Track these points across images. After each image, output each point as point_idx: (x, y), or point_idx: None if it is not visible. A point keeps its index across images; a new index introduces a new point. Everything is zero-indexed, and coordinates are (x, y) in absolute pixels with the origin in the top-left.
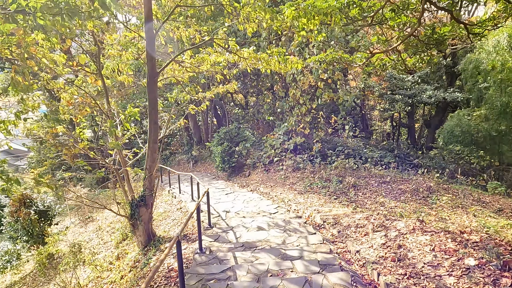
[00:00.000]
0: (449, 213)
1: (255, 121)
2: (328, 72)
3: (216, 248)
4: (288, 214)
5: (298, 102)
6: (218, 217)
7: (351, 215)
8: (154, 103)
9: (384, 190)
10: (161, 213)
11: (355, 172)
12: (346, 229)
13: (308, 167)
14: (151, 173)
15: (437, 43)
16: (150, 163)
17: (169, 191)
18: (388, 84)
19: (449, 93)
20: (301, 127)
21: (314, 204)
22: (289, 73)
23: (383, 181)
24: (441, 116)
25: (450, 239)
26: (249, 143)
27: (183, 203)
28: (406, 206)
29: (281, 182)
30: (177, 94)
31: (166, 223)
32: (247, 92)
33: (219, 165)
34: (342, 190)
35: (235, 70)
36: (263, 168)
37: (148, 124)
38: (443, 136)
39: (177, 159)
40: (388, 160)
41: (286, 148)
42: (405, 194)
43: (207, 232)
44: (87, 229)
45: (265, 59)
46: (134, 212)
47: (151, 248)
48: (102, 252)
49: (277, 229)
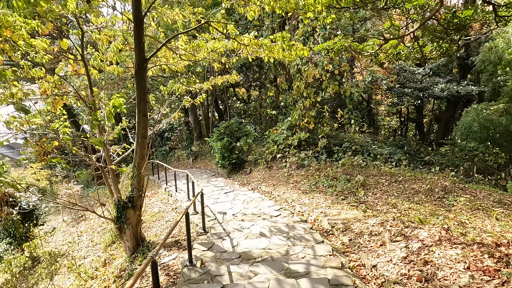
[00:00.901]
0: (468, 216)
1: (257, 116)
2: (334, 64)
3: (209, 259)
4: (292, 217)
5: (302, 95)
6: (214, 220)
7: (363, 219)
8: (143, 93)
9: (395, 189)
10: (155, 213)
11: (363, 170)
12: (358, 236)
13: (313, 164)
14: (139, 171)
15: (458, 28)
16: (138, 160)
17: (166, 189)
18: (397, 77)
19: (463, 86)
20: (305, 122)
21: (320, 206)
22: (293, 64)
23: (395, 180)
24: (452, 111)
25: (487, 254)
26: (251, 138)
27: (178, 203)
28: (420, 208)
29: (284, 180)
30: (171, 86)
31: (159, 225)
32: (249, 85)
33: (219, 162)
34: (350, 189)
35: (234, 58)
36: (265, 165)
37: (136, 117)
38: (460, 132)
39: (177, 155)
40: (398, 157)
41: (290, 144)
42: (419, 194)
43: (200, 239)
44: (78, 229)
45: (267, 46)
46: (120, 215)
47: (139, 255)
48: (90, 256)
49: (280, 236)
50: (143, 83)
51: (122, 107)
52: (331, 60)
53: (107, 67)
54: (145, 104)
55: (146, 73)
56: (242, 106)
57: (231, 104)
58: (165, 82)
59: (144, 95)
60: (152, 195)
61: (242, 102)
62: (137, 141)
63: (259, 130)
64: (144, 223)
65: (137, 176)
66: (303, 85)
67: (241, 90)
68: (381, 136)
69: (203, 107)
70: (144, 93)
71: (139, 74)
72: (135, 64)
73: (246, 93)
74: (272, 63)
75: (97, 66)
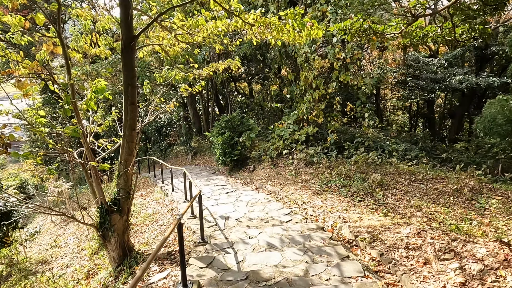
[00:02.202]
0: (506, 221)
1: (260, 110)
2: (346, 51)
3: (207, 282)
4: (306, 223)
5: (311, 86)
6: (215, 226)
7: (392, 227)
8: (131, 77)
9: (417, 190)
10: (148, 215)
11: (379, 167)
12: (391, 250)
13: (323, 161)
14: (127, 168)
15: (496, 6)
16: (125, 156)
17: (162, 187)
18: (408, 69)
19: (483, 77)
20: (314, 115)
21: (336, 209)
22: (301, 53)
23: (415, 179)
24: (467, 105)
25: None
26: (254, 133)
27: (175, 204)
28: (449, 211)
29: (292, 179)
30: (166, 73)
31: (152, 229)
32: (251, 78)
33: (220, 158)
34: (367, 189)
35: (238, 40)
36: (270, 161)
37: (123, 105)
38: (483, 126)
39: (175, 151)
40: (415, 153)
41: (297, 139)
42: (444, 195)
43: (197, 251)
44: (66, 231)
45: (276, 25)
46: (104, 220)
47: (125, 268)
48: (74, 264)
49: (295, 249)
50: (130, 65)
51: (106, 92)
52: (343, 47)
53: (91, 49)
54: (133, 89)
55: (134, 53)
56: (244, 100)
57: (232, 98)
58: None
59: (133, 79)
60: (147, 194)
61: (244, 97)
62: (124, 133)
63: (262, 125)
64: (136, 227)
65: (124, 174)
66: (312, 75)
67: (242, 84)
68: (392, 132)
69: (203, 101)
70: (133, 76)
71: (126, 54)
72: (121, 41)
73: (248, 86)
74: (278, 51)
75: (79, 49)
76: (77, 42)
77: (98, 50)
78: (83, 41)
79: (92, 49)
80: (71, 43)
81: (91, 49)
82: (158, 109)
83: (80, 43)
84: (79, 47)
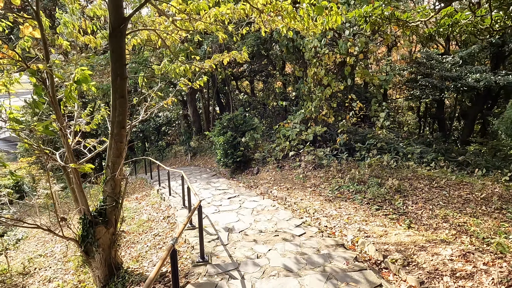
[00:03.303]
0: None
1: (262, 109)
2: (360, 45)
3: None
4: (322, 237)
5: (320, 83)
6: (217, 241)
7: (428, 246)
8: (120, 66)
9: (440, 197)
10: (143, 222)
11: (395, 171)
12: (433, 278)
13: (334, 164)
14: (115, 173)
15: None
16: (113, 158)
17: (158, 190)
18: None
19: (501, 76)
20: (323, 114)
21: (353, 219)
22: (309, 47)
23: (436, 185)
24: (481, 105)
25: None
26: (258, 133)
27: (171, 210)
28: (479, 222)
29: (299, 183)
30: (166, 66)
31: (145, 240)
32: (254, 75)
33: (221, 159)
34: (384, 196)
35: (244, 30)
36: (276, 164)
37: (111, 99)
38: (505, 126)
39: (174, 151)
40: (431, 156)
41: (304, 139)
42: (470, 203)
43: (196, 274)
44: (54, 237)
45: (288, 10)
46: (87, 234)
47: None
48: (57, 278)
49: (314, 273)
50: (120, 52)
51: (90, 83)
52: (355, 40)
53: (80, 37)
54: (123, 81)
55: (124, 38)
56: (247, 98)
57: (233, 97)
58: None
59: (122, 68)
60: (142, 197)
61: (246, 95)
62: (111, 132)
63: (265, 125)
64: (129, 235)
65: (111, 180)
66: (323, 71)
67: (244, 83)
68: (403, 133)
69: (203, 99)
70: (122, 65)
71: (115, 39)
72: (109, 24)
73: (250, 85)
74: (285, 46)
75: (67, 35)
76: (66, 28)
77: (87, 38)
78: (71, 27)
79: (81, 37)
80: (58, 27)
81: (79, 37)
82: (154, 105)
83: (68, 29)
84: (66, 33)
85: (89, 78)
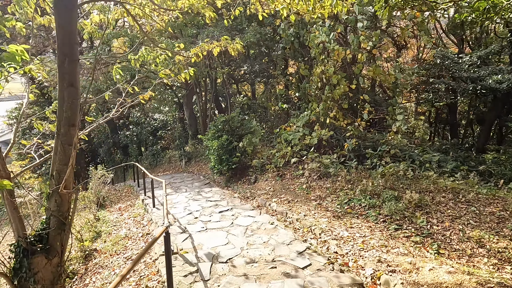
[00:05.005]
0: None
1: (263, 112)
2: (373, 39)
3: None
4: (332, 270)
5: (328, 82)
6: (196, 274)
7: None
8: (69, 45)
9: (468, 215)
10: (119, 239)
11: (412, 183)
12: None
13: (342, 173)
14: (59, 185)
15: None
16: (60, 165)
17: (143, 200)
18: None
19: None
20: (332, 116)
21: (369, 243)
22: (316, 43)
23: (463, 200)
24: (499, 110)
25: None
26: (257, 137)
27: (152, 225)
28: None
29: (303, 194)
30: (144, 55)
31: (115, 264)
32: (254, 77)
33: (215, 166)
34: (403, 213)
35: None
36: (276, 172)
37: (58, 88)
38: None
39: (168, 156)
40: (453, 165)
41: (307, 144)
42: (506, 222)
43: None
44: None
45: None
46: (20, 266)
47: None
48: None
49: None
50: (69, 26)
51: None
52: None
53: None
54: (73, 64)
55: (75, 8)
56: (246, 100)
57: (233, 101)
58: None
59: (72, 48)
60: (126, 207)
61: (245, 97)
62: (57, 132)
63: (266, 129)
64: (100, 256)
65: (55, 194)
66: (332, 69)
67: (245, 86)
68: (416, 139)
69: (201, 101)
70: (73, 44)
71: (63, 9)
72: None
73: (251, 87)
74: (290, 41)
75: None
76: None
77: (47, 19)
78: (25, 5)
79: (39, 17)
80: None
81: (37, 17)
82: (128, 100)
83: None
84: (20, 13)
85: (20, 55)
